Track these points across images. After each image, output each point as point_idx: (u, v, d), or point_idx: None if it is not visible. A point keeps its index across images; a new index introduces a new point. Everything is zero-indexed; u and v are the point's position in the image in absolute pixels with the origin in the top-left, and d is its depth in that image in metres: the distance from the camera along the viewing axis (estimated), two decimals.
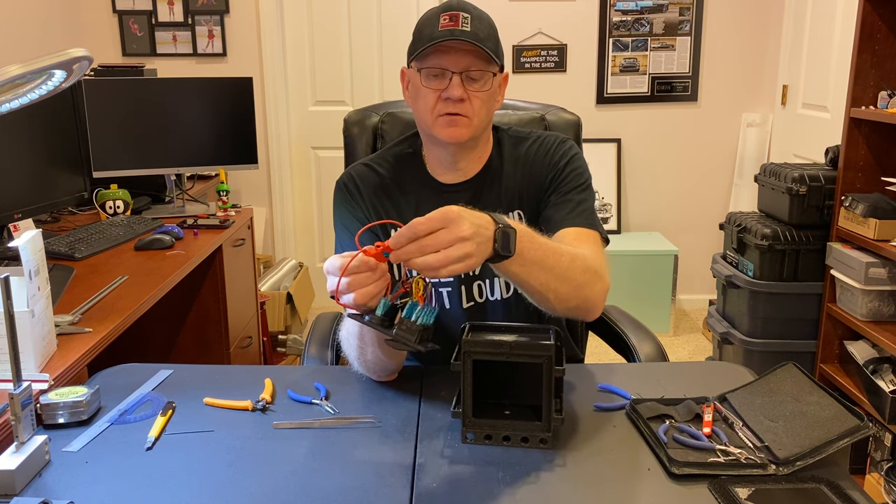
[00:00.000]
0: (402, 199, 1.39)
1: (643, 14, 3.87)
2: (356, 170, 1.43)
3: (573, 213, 1.33)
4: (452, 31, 1.25)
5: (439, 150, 1.38)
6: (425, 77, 1.29)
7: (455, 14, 1.26)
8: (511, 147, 1.43)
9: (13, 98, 1.11)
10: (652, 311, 3.72)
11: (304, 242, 4.19)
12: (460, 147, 1.34)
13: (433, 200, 1.38)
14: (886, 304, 2.37)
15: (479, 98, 1.29)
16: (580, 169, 1.39)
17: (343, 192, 1.41)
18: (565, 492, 0.97)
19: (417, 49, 1.28)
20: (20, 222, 2.12)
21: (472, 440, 1.08)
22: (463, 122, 1.29)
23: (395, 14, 3.88)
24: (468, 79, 1.27)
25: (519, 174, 1.40)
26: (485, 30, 1.28)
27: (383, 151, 1.47)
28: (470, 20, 1.26)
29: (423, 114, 1.32)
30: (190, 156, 2.72)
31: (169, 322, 2.51)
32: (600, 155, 3.95)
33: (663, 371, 1.36)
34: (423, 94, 1.30)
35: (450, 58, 1.26)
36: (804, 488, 0.97)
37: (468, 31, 1.25)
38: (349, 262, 1.00)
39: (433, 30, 1.26)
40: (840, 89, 2.87)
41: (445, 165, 1.39)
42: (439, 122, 1.30)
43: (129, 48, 3.86)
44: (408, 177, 1.41)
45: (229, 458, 1.05)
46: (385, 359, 1.23)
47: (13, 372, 1.00)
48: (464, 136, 1.30)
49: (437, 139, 1.33)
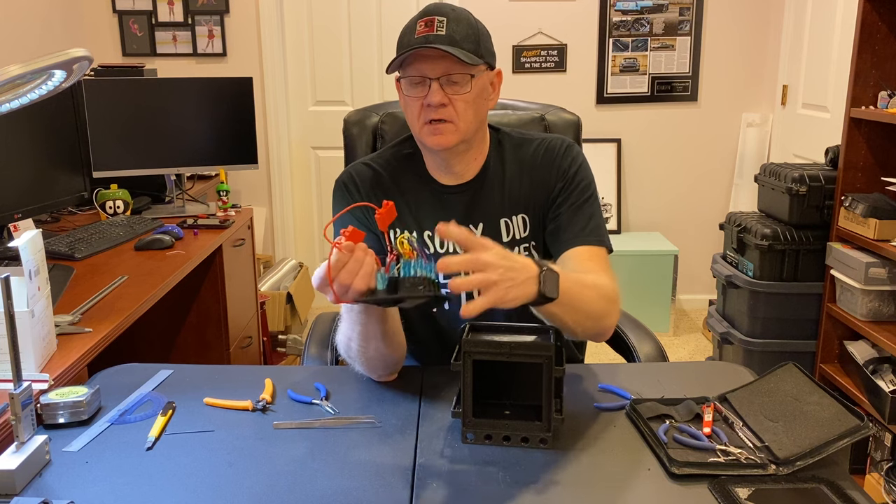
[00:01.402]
0: (401, 199, 1.39)
1: (643, 14, 3.87)
2: (356, 168, 1.43)
3: (584, 230, 1.33)
4: (427, 36, 1.24)
5: (432, 156, 1.38)
6: (406, 86, 1.29)
7: (430, 19, 1.25)
8: (513, 149, 1.42)
9: (13, 98, 1.11)
10: (652, 311, 3.72)
11: (304, 242, 4.19)
12: (450, 152, 1.33)
13: (432, 202, 1.38)
14: (886, 304, 2.37)
15: (462, 100, 1.27)
16: (588, 178, 1.39)
17: (342, 191, 1.41)
18: (565, 492, 0.97)
19: (397, 58, 1.28)
20: (20, 222, 2.12)
21: (472, 440, 1.08)
22: (448, 129, 1.28)
23: (395, 14, 3.88)
24: (449, 83, 1.26)
25: (524, 178, 1.39)
26: (462, 31, 1.26)
27: (383, 151, 1.47)
28: (446, 23, 1.25)
29: (411, 122, 1.32)
30: (190, 156, 2.72)
31: (169, 322, 2.51)
32: (600, 155, 3.95)
33: (663, 371, 1.36)
34: (408, 102, 1.30)
35: (427, 64, 1.25)
36: (804, 488, 0.97)
37: (443, 34, 1.24)
38: (328, 264, 1.00)
39: (410, 37, 1.27)
40: (840, 89, 2.87)
41: (441, 169, 1.39)
42: (425, 130, 1.29)
43: (129, 48, 3.86)
44: (407, 177, 1.41)
45: (229, 458, 1.05)
46: (388, 352, 1.23)
47: (13, 372, 1.00)
48: (450, 142, 1.29)
49: (426, 146, 1.33)
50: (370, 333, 1.19)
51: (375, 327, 1.17)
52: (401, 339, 1.26)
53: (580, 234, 1.32)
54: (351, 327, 1.21)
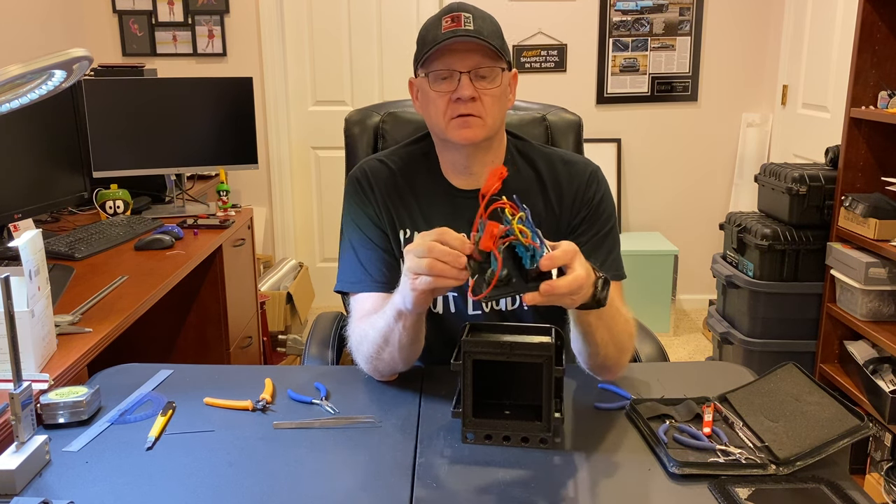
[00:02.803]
0: (414, 201, 1.37)
1: (643, 14, 3.87)
2: (370, 165, 1.41)
3: (604, 264, 1.32)
4: (455, 30, 1.23)
5: (453, 154, 1.35)
6: (433, 81, 1.27)
7: (457, 15, 1.25)
8: (534, 161, 1.39)
9: (13, 98, 1.11)
10: (652, 311, 3.72)
11: (304, 242, 4.19)
12: (475, 148, 1.31)
13: (443, 204, 1.36)
14: (886, 304, 2.37)
15: (491, 95, 1.26)
16: (612, 208, 1.38)
17: (355, 187, 1.39)
18: (565, 492, 0.97)
19: (423, 54, 1.26)
20: (20, 222, 2.12)
21: (472, 440, 1.08)
22: (476, 123, 1.26)
23: (395, 14, 3.88)
24: (477, 77, 1.25)
25: (542, 193, 1.37)
26: (488, 27, 1.26)
27: (397, 148, 1.44)
28: (472, 19, 1.25)
29: (435, 119, 1.29)
30: (190, 156, 2.72)
31: (169, 322, 2.51)
32: (600, 155, 3.95)
33: (663, 371, 1.36)
34: (433, 98, 1.27)
35: (456, 58, 1.24)
36: (804, 488, 0.97)
37: (472, 28, 1.24)
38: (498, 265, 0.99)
39: (436, 33, 1.25)
40: (840, 89, 2.87)
41: (459, 170, 1.36)
42: (452, 125, 1.27)
43: (129, 48, 3.85)
44: (421, 177, 1.39)
45: (229, 458, 1.05)
46: (399, 361, 1.23)
47: (13, 372, 1.00)
48: (478, 136, 1.27)
49: (451, 142, 1.30)
50: (393, 341, 1.18)
51: (407, 333, 1.16)
52: (415, 350, 1.24)
53: (601, 269, 1.31)
54: (374, 327, 1.20)
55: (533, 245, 0.99)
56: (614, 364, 1.25)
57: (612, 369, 1.26)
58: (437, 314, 1.37)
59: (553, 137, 1.68)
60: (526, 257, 1.00)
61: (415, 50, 1.32)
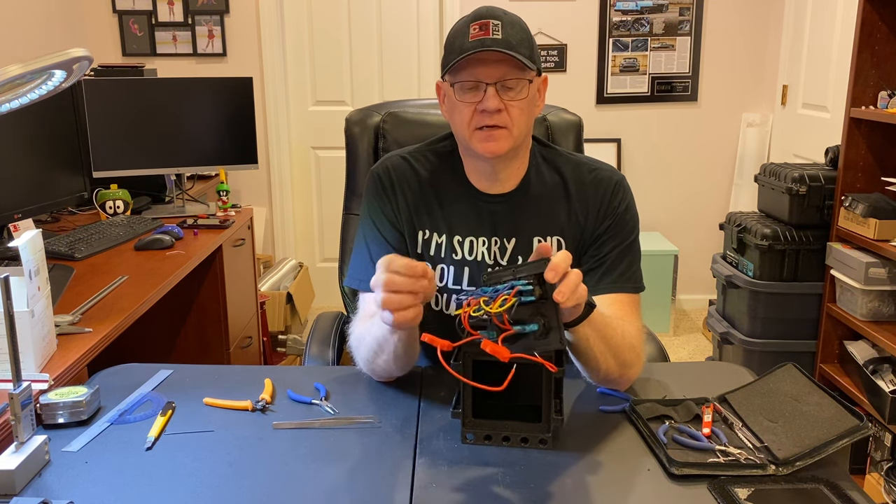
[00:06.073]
0: (436, 202, 1.35)
1: (643, 14, 3.87)
2: (393, 162, 1.38)
3: (623, 276, 1.31)
4: (483, 40, 1.20)
5: (479, 163, 1.33)
6: (459, 90, 1.24)
7: (485, 22, 1.21)
8: (559, 168, 1.37)
9: (13, 98, 1.11)
10: (652, 311, 3.72)
11: (304, 242, 4.19)
12: (500, 159, 1.29)
13: (466, 207, 1.34)
14: (886, 304, 2.37)
15: (517, 107, 1.23)
16: (635, 220, 1.37)
17: (376, 183, 1.37)
18: (565, 492, 0.97)
19: (449, 62, 1.23)
20: (20, 222, 2.12)
21: (471, 440, 1.08)
22: (502, 135, 1.24)
23: (395, 14, 3.88)
24: (504, 88, 1.22)
25: (566, 201, 1.35)
26: (517, 35, 1.22)
27: (421, 146, 1.41)
28: (501, 27, 1.21)
29: (460, 128, 1.27)
30: (190, 156, 2.72)
31: (169, 322, 2.51)
32: (600, 155, 3.91)
33: (663, 371, 1.36)
34: (459, 108, 1.25)
35: (483, 69, 1.21)
36: (804, 488, 0.97)
37: (499, 38, 1.20)
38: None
39: (464, 41, 1.21)
40: (840, 89, 2.87)
41: (485, 176, 1.34)
42: (476, 136, 1.25)
43: (129, 48, 3.86)
44: (444, 177, 1.36)
45: (229, 458, 1.05)
46: (395, 369, 1.23)
47: (13, 372, 1.00)
48: (503, 148, 1.25)
49: (475, 153, 1.28)
50: (387, 350, 1.18)
51: (400, 345, 1.16)
52: (411, 358, 1.23)
53: (619, 281, 1.31)
54: (370, 333, 1.20)
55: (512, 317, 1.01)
56: (618, 378, 1.22)
57: (617, 382, 1.24)
58: (439, 311, 1.37)
59: (553, 138, 1.68)
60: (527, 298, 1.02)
61: (438, 55, 1.33)
